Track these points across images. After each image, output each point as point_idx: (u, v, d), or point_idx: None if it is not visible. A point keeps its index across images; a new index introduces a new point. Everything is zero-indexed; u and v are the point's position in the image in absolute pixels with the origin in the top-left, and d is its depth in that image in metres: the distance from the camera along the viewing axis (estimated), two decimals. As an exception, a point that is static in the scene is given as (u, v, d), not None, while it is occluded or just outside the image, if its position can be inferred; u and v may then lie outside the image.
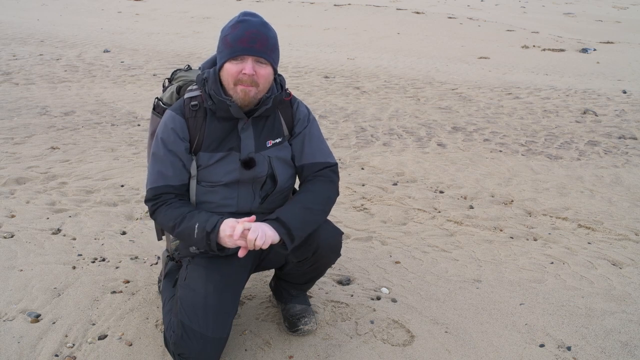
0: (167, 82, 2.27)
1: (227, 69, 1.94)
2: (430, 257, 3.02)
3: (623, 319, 2.50)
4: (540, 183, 4.19)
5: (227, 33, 1.94)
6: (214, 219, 1.91)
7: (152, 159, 2.02)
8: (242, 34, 1.91)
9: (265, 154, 2.08)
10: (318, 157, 2.13)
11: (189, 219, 1.94)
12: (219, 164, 2.03)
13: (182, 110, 2.02)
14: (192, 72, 2.22)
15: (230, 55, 1.92)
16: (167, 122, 2.02)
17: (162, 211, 2.00)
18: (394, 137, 5.27)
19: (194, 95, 2.04)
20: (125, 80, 7.44)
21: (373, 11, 15.83)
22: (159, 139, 2.01)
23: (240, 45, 1.90)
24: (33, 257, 2.84)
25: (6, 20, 12.63)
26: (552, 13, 17.56)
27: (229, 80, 1.95)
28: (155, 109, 2.20)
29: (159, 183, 2.00)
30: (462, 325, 2.43)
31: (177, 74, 2.24)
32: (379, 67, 8.83)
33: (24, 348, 2.17)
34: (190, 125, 2.01)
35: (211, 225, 1.89)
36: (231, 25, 1.95)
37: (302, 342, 2.28)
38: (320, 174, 2.11)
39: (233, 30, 1.92)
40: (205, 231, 1.89)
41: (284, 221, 1.92)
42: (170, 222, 1.98)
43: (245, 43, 1.90)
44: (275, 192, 2.12)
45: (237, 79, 1.93)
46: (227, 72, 1.94)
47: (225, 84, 1.98)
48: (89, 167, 4.18)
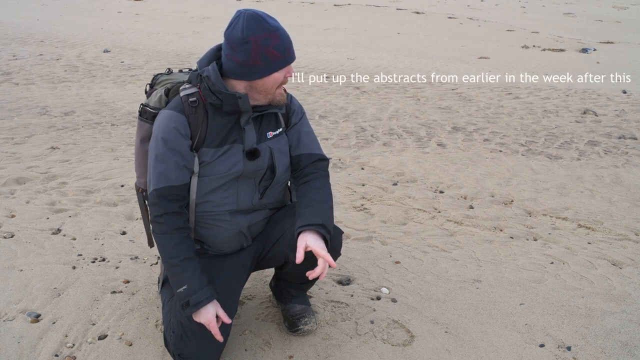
0: (148, 87, 2.22)
1: (275, 77, 1.96)
2: (430, 257, 3.02)
3: (623, 319, 2.50)
4: (540, 183, 4.19)
5: (270, 44, 1.89)
6: (200, 295, 1.92)
7: (153, 160, 2.00)
8: (288, 44, 1.94)
9: (267, 144, 2.09)
10: (314, 149, 2.20)
11: (182, 271, 1.95)
12: (223, 157, 2.03)
13: (181, 108, 2.01)
14: (175, 75, 2.19)
15: (285, 65, 1.95)
16: (166, 121, 1.99)
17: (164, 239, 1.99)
18: (394, 137, 5.27)
19: (191, 92, 2.02)
20: (125, 80, 7.44)
21: (373, 11, 15.83)
22: (160, 138, 1.98)
23: (289, 55, 1.96)
24: (33, 257, 2.84)
25: (6, 20, 12.63)
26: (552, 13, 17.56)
27: (272, 87, 1.98)
28: (142, 115, 2.14)
29: (161, 184, 1.98)
30: (462, 325, 2.43)
31: (160, 78, 2.20)
32: (379, 67, 8.83)
33: (24, 348, 2.17)
34: (191, 122, 1.99)
35: (195, 301, 1.92)
36: (264, 36, 1.89)
37: (302, 342, 2.28)
38: (319, 167, 2.18)
39: (274, 40, 1.90)
40: (187, 301, 1.92)
41: (327, 225, 1.98)
42: (165, 255, 2.00)
43: (292, 52, 1.97)
44: (274, 184, 2.14)
45: (281, 82, 1.99)
46: (273, 80, 1.96)
47: (262, 92, 1.99)
48: (89, 167, 4.18)
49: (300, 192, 2.12)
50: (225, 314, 1.97)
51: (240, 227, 2.12)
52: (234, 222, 2.10)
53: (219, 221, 2.09)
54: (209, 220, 2.10)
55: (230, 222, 2.10)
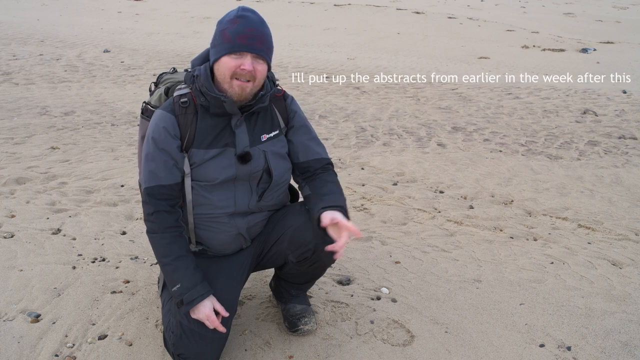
0: (153, 86, 2.25)
1: (224, 62, 1.93)
2: (430, 257, 3.02)
3: (623, 319, 2.50)
4: (540, 183, 4.19)
5: (226, 27, 1.92)
6: (193, 293, 1.93)
7: (144, 158, 2.01)
8: (243, 30, 1.90)
9: (261, 148, 2.08)
10: (322, 153, 2.23)
11: (174, 270, 1.96)
12: (215, 161, 2.02)
13: (171, 108, 2.01)
14: (179, 74, 2.21)
15: (230, 50, 1.91)
16: (157, 121, 2.01)
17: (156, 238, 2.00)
18: (394, 137, 5.27)
19: (183, 92, 2.04)
20: (125, 80, 7.44)
21: (373, 11, 15.83)
22: (150, 138, 2.00)
23: (240, 41, 1.91)
24: (33, 257, 2.84)
25: (6, 20, 12.63)
26: (552, 13, 17.55)
27: (225, 74, 1.94)
28: (144, 113, 2.18)
29: (151, 183, 1.98)
30: (462, 325, 2.43)
31: (164, 76, 2.23)
32: (379, 67, 8.83)
33: (24, 348, 2.17)
34: (180, 122, 2.00)
35: (189, 299, 1.93)
36: (230, 19, 1.93)
37: (302, 342, 2.28)
38: (328, 168, 2.23)
39: (232, 25, 1.91)
40: (181, 299, 1.93)
41: (347, 210, 2.04)
42: (157, 254, 2.01)
43: (246, 40, 1.91)
44: (272, 187, 2.13)
45: (234, 72, 1.93)
46: (224, 66, 1.93)
47: (220, 78, 1.97)
48: (89, 167, 4.18)
49: (315, 185, 2.14)
50: (222, 308, 1.97)
51: (239, 229, 2.12)
52: (232, 225, 2.10)
53: (218, 223, 2.09)
54: (207, 222, 2.10)
55: (229, 225, 2.10)
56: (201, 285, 1.96)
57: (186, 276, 1.95)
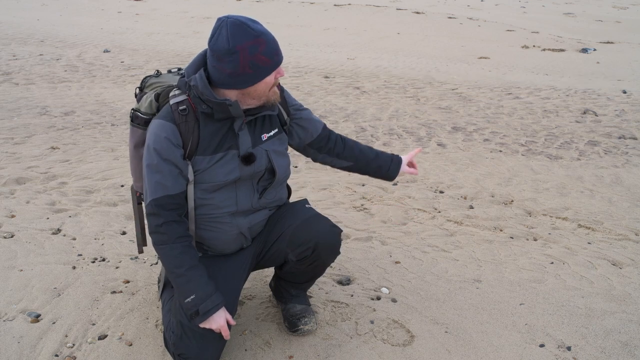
0: (138, 90, 2.18)
1: (266, 82, 1.92)
2: (430, 257, 3.02)
3: (623, 319, 2.50)
4: (540, 183, 4.19)
5: (256, 52, 1.85)
6: (209, 304, 1.92)
7: (147, 170, 1.97)
8: (272, 47, 1.89)
9: (263, 147, 2.08)
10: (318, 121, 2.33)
11: (188, 281, 1.94)
12: (219, 165, 2.01)
13: (171, 117, 1.96)
14: (164, 77, 2.16)
15: (274, 69, 1.92)
16: (157, 131, 1.95)
17: (166, 250, 1.98)
18: (394, 137, 5.27)
19: (180, 100, 1.98)
20: (125, 80, 7.44)
21: (373, 11, 15.83)
22: (152, 149, 1.95)
23: (277, 58, 1.92)
24: (33, 257, 2.84)
25: (6, 20, 12.63)
26: (552, 13, 17.55)
27: (265, 90, 1.95)
28: (134, 121, 2.10)
29: (159, 194, 1.95)
30: (462, 325, 2.43)
31: (149, 80, 2.16)
32: (379, 67, 8.83)
33: (24, 348, 2.17)
34: (182, 131, 1.96)
35: (204, 309, 1.92)
36: (251, 42, 1.84)
37: (302, 342, 2.28)
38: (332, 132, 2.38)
39: (260, 46, 1.85)
40: (196, 310, 1.92)
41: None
42: (169, 266, 1.98)
43: (279, 53, 1.94)
44: (275, 184, 2.15)
45: (272, 84, 1.96)
46: (266, 85, 1.93)
47: (255, 97, 1.96)
48: (89, 167, 4.18)
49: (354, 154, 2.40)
50: (230, 317, 1.98)
51: (241, 229, 2.12)
52: (234, 224, 2.10)
53: (220, 223, 2.09)
54: (209, 222, 2.09)
55: (230, 224, 2.10)
56: (215, 295, 1.94)
57: (200, 286, 1.93)
